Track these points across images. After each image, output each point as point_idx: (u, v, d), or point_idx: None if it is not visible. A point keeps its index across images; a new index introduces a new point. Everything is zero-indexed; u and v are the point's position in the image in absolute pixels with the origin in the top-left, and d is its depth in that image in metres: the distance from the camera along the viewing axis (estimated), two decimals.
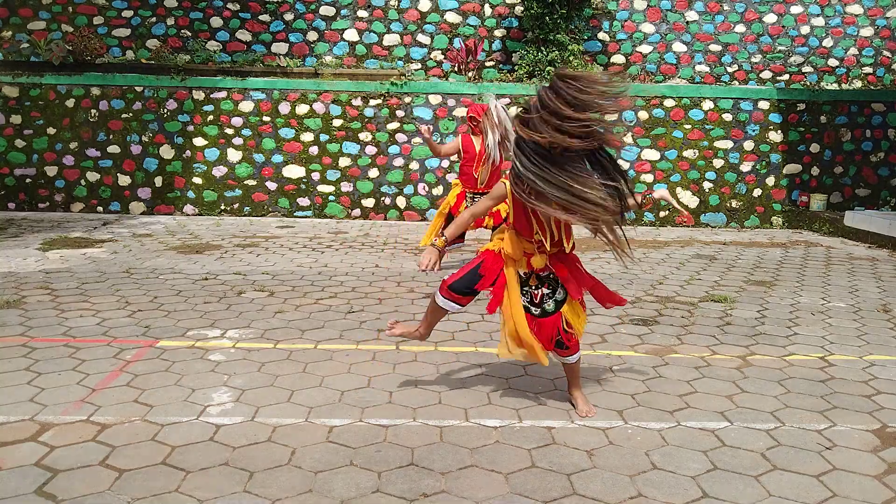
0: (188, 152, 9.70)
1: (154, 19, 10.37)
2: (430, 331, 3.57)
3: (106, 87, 9.58)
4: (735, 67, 10.79)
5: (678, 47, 10.75)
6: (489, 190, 5.98)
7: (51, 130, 9.57)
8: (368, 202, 9.89)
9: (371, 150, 9.78)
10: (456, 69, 10.38)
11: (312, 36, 10.52)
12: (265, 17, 10.46)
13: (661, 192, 3.56)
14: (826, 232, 9.43)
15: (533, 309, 3.37)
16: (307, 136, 9.76)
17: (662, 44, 10.74)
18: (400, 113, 9.76)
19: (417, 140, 9.69)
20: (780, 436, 3.28)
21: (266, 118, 9.71)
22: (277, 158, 9.76)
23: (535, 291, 3.37)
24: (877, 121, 10.09)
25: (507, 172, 3.38)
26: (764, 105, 9.97)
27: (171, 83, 9.60)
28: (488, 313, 3.48)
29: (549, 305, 3.37)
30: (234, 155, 9.73)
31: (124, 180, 9.71)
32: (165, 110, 9.64)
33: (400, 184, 9.84)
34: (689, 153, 9.92)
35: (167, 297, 5.45)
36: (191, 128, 9.68)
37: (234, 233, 8.47)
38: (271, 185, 9.81)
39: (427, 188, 9.84)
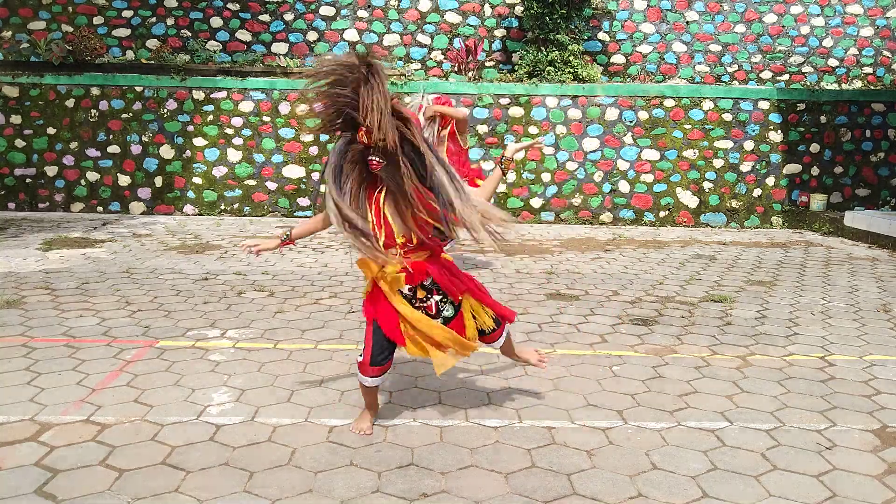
0: (188, 152, 9.70)
1: (154, 19, 10.37)
2: (377, 402, 3.32)
3: (106, 87, 9.58)
4: (735, 67, 10.80)
5: (678, 47, 10.75)
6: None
7: (51, 130, 9.57)
8: None
9: None
10: (456, 69, 10.38)
11: (312, 36, 10.52)
12: (265, 17, 10.46)
13: (510, 147, 3.36)
14: (826, 232, 9.43)
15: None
16: (307, 136, 9.75)
17: (662, 44, 10.74)
18: None
19: None
20: (780, 436, 3.28)
21: (266, 118, 9.72)
22: (277, 158, 9.76)
23: (428, 303, 3.11)
24: (877, 121, 10.09)
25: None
26: (764, 105, 9.97)
27: (171, 83, 9.60)
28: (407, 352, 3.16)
29: (448, 311, 3.14)
30: (234, 155, 9.74)
31: (124, 180, 9.71)
32: (165, 110, 9.64)
33: None
34: (689, 153, 9.92)
35: (167, 297, 5.45)
36: (191, 128, 9.68)
37: (234, 233, 8.47)
38: (271, 185, 9.81)
39: None
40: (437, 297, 3.13)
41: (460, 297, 3.14)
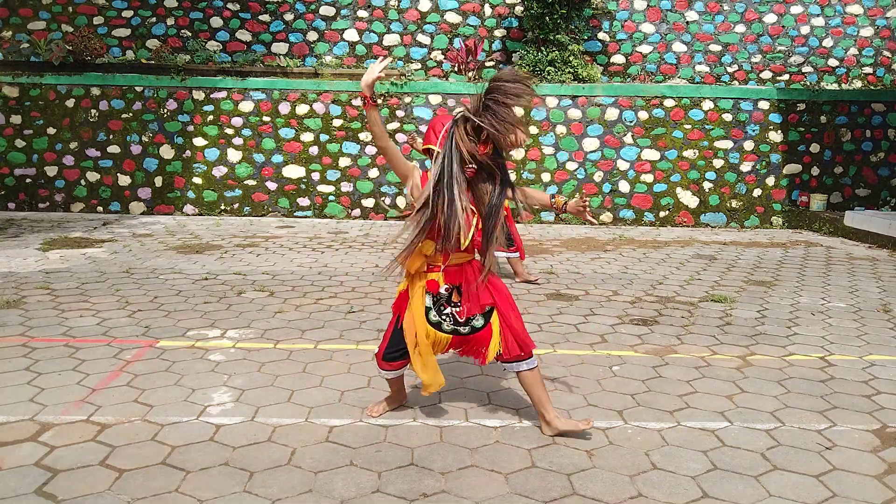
0: (188, 152, 9.70)
1: (154, 19, 10.37)
2: (402, 391, 3.42)
3: (106, 87, 9.58)
4: (735, 67, 10.79)
5: (678, 47, 10.75)
6: None
7: (51, 130, 9.57)
8: (368, 202, 9.89)
9: (371, 150, 9.78)
10: (456, 69, 10.38)
11: (312, 36, 10.52)
12: (265, 17, 10.46)
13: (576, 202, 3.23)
14: (826, 232, 9.43)
15: (461, 329, 3.12)
16: (307, 136, 9.76)
17: (662, 44, 10.74)
18: (400, 113, 9.76)
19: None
20: (780, 436, 3.28)
21: (266, 118, 9.71)
22: (277, 158, 9.76)
23: (460, 309, 3.11)
24: (877, 121, 10.08)
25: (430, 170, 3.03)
26: (764, 105, 9.97)
27: (171, 83, 9.60)
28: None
29: (479, 321, 3.12)
30: (234, 155, 9.73)
31: (124, 180, 9.71)
32: (165, 110, 9.64)
33: (400, 184, 9.83)
34: (689, 153, 9.92)
35: (167, 297, 5.45)
36: (191, 128, 9.68)
37: (234, 233, 8.47)
38: (271, 185, 9.81)
39: None
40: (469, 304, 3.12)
41: (481, 311, 3.12)
